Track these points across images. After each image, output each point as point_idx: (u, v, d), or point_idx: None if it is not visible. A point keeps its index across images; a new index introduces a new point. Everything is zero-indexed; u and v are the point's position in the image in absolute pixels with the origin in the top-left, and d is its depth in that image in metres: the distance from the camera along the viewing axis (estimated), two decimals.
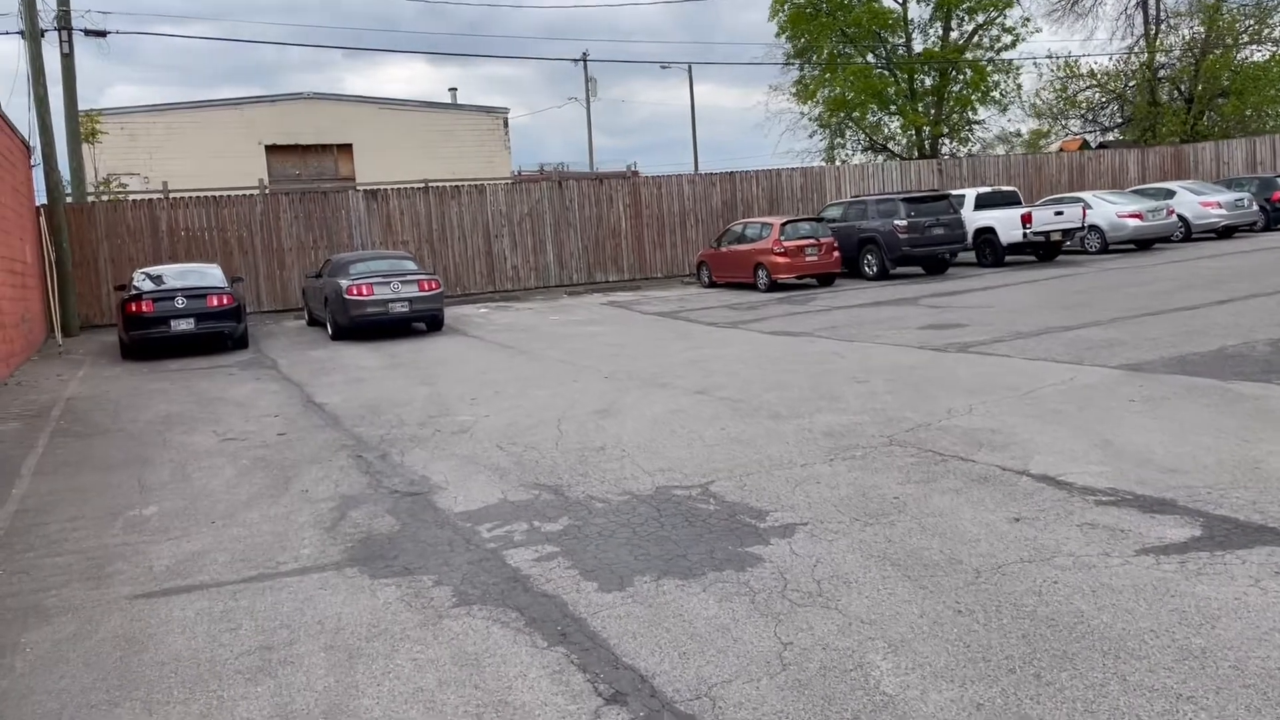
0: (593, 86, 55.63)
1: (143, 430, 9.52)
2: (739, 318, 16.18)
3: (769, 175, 25.76)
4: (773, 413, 8.35)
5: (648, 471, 6.73)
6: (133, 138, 33.13)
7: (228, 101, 35.54)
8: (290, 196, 22.10)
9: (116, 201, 21.05)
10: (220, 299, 15.40)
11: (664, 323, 16.35)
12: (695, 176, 25.13)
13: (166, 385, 12.40)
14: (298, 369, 13.26)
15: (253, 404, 10.70)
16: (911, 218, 20.41)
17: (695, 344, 13.32)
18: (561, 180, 24.05)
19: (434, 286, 16.48)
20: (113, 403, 11.26)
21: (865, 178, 26.55)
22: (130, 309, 14.94)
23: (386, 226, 22.46)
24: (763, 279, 20.22)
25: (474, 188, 23.38)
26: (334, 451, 8.11)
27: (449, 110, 39.11)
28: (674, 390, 9.79)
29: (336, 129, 36.04)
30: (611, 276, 24.28)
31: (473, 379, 11.47)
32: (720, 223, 25.02)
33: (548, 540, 5.43)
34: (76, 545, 5.98)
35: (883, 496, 5.74)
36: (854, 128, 40.11)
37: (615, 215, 24.29)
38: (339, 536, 5.80)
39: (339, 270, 16.73)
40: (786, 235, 20.00)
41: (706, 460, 6.92)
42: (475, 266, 23.18)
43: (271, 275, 21.63)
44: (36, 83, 18.36)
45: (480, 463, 7.38)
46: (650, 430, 8.03)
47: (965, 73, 38.04)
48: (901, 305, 16.11)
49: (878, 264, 20.94)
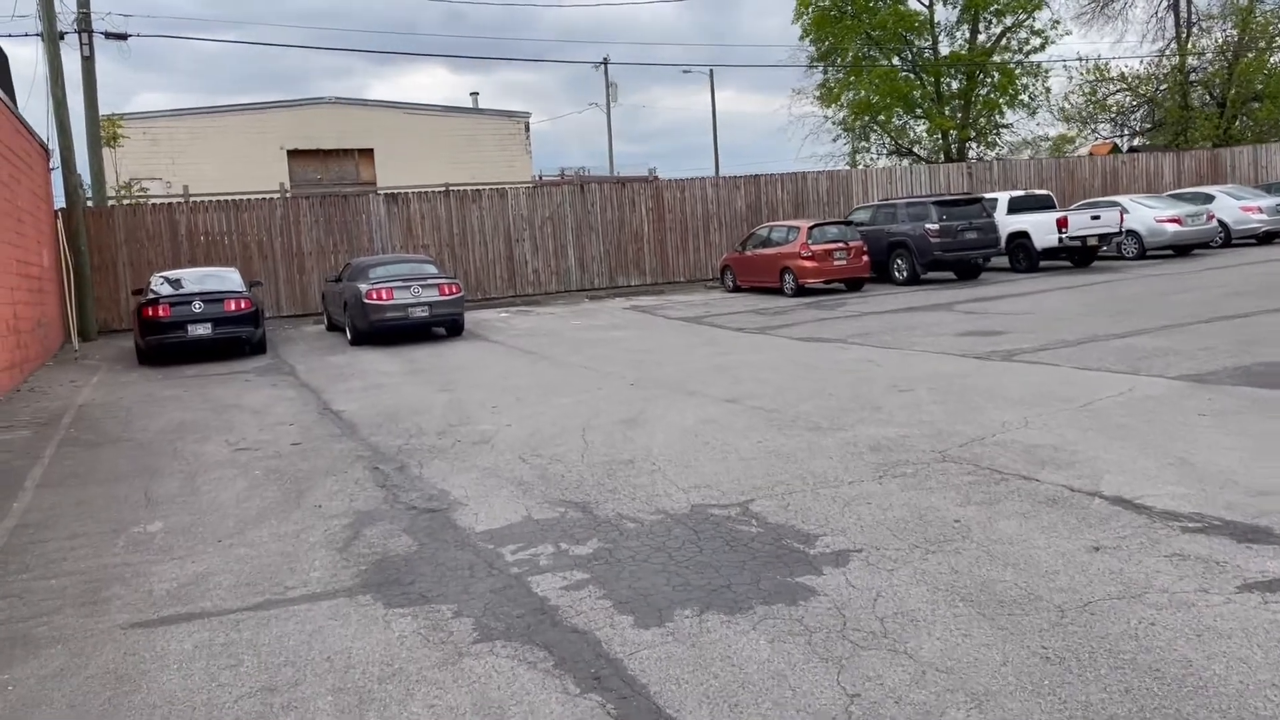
0: (613, 92, 55.49)
1: (154, 439, 9.17)
2: (766, 323, 15.72)
3: (794, 178, 25.28)
4: (812, 424, 7.88)
5: (681, 488, 6.29)
6: (155, 142, 33.02)
7: (250, 106, 35.39)
8: (310, 200, 21.82)
9: (136, 205, 20.83)
10: (238, 303, 15.08)
11: (689, 328, 15.90)
12: (719, 180, 24.68)
13: (181, 392, 12.07)
14: (315, 375, 12.91)
15: (268, 411, 10.34)
16: (943, 221, 19.88)
17: (723, 350, 12.87)
18: (583, 184, 23.66)
19: (455, 291, 16.11)
20: (125, 410, 10.93)
21: (893, 181, 26.02)
22: (146, 313, 14.65)
23: (407, 230, 22.14)
24: (789, 284, 19.73)
25: (495, 191, 23.03)
26: (350, 463, 7.71)
27: (470, 115, 38.84)
28: (704, 399, 9.34)
29: (358, 134, 35.83)
30: (634, 281, 23.85)
31: (493, 385, 11.07)
32: (745, 227, 24.55)
33: (576, 565, 4.99)
34: (75, 565, 5.60)
35: (942, 520, 5.27)
36: (879, 131, 39.54)
37: (638, 219, 23.87)
38: (352, 558, 5.39)
39: (359, 274, 16.39)
40: (814, 239, 19.52)
41: (744, 476, 6.46)
42: (496, 270, 22.81)
43: (291, 279, 21.35)
44: (55, 84, 18.15)
45: (502, 476, 6.96)
46: (681, 442, 7.59)
47: (993, 76, 37.41)
48: (936, 311, 15.59)
49: (908, 269, 20.41)
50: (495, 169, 33.85)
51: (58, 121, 18.32)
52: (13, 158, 14.61)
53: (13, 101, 15.88)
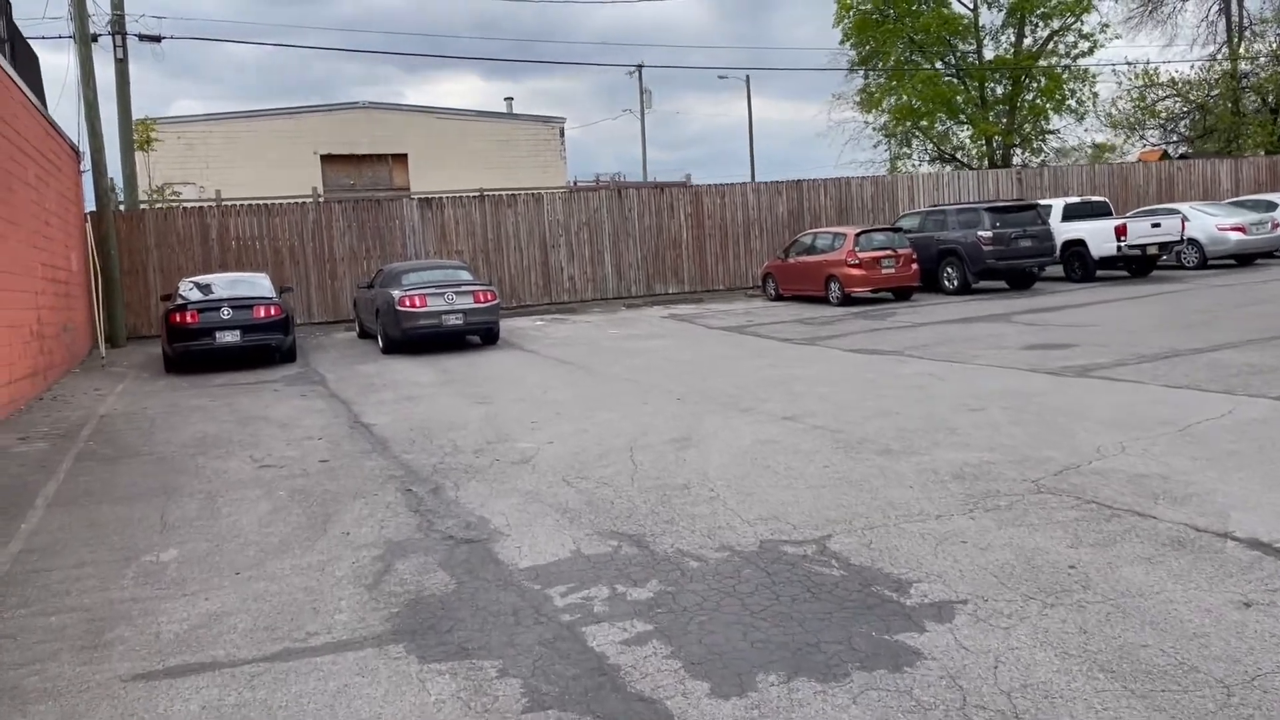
0: (647, 99, 54.98)
1: (175, 454, 8.67)
2: (814, 333, 15.04)
3: (837, 184, 24.57)
4: (881, 446, 7.22)
5: (746, 520, 5.66)
6: (189, 147, 32.90)
7: (284, 110, 35.21)
8: (343, 204, 21.42)
9: (167, 209, 20.53)
10: (268, 310, 14.64)
11: (733, 338, 15.26)
12: (760, 185, 24.03)
13: (207, 402, 11.60)
14: (346, 385, 12.41)
15: (296, 424, 9.82)
16: (997, 228, 19.10)
17: (772, 362, 12.22)
18: (621, 189, 23.10)
19: (490, 298, 15.58)
20: (148, 421, 10.46)
21: (939, 187, 25.25)
22: (174, 320, 14.23)
23: (441, 236, 21.68)
24: (835, 292, 19.03)
25: (530, 196, 22.52)
26: (381, 483, 7.16)
27: (505, 120, 38.46)
28: (758, 416, 8.71)
29: (391, 138, 35.54)
30: (671, 289, 23.24)
31: (532, 399, 10.49)
32: (786, 233, 23.87)
33: (636, 613, 4.38)
34: (78, 600, 5.07)
35: (1054, 565, 4.60)
36: (921, 137, 38.72)
37: (676, 225, 23.26)
38: (383, 598, 4.81)
39: (391, 280, 15.92)
40: (861, 246, 18.81)
41: (815, 506, 5.82)
42: (531, 277, 22.29)
43: (323, 285, 20.95)
44: (86, 86, 17.87)
45: (546, 501, 6.37)
46: (739, 465, 6.96)
47: (1039, 80, 36.48)
48: (994, 322, 14.84)
49: (958, 277, 19.64)
50: (530, 175, 33.39)
51: (89, 124, 18.03)
52: (41, 159, 14.28)
53: (42, 103, 15.57)
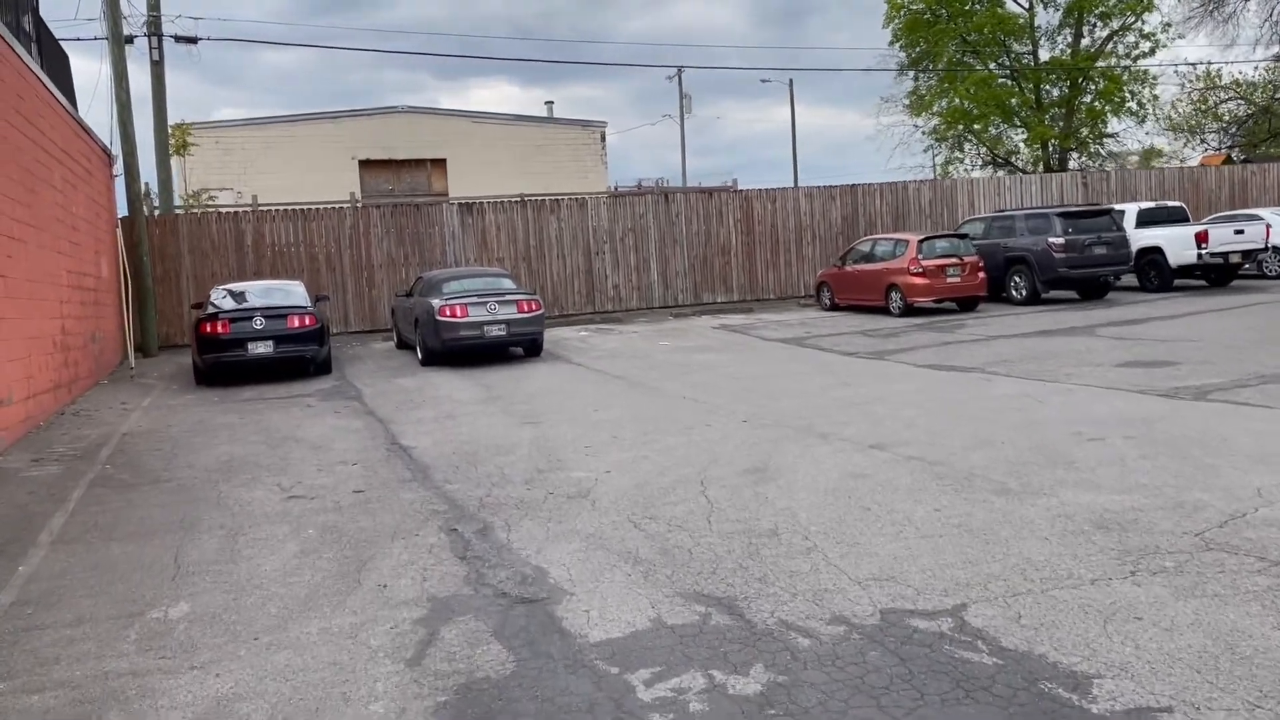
0: (686, 104, 54.14)
1: (197, 480, 7.90)
2: (880, 347, 14.06)
3: (893, 189, 23.54)
4: (996, 484, 6.26)
5: (856, 579, 4.74)
6: (226, 152, 32.56)
7: (322, 115, 34.80)
8: (381, 210, 20.76)
9: (201, 214, 19.96)
10: (302, 319, 13.92)
11: (793, 351, 14.32)
12: (812, 190, 23.04)
13: (235, 419, 10.86)
14: (383, 401, 11.64)
15: (329, 446, 9.04)
16: (1069, 235, 17.98)
17: (841, 379, 11.27)
18: (667, 194, 22.23)
19: (534, 308, 14.76)
20: (171, 441, 9.73)
21: (1001, 192, 24.11)
22: (204, 330, 13.56)
23: (481, 242, 20.93)
24: (896, 302, 18.02)
25: (574, 201, 21.71)
26: (421, 521, 6.32)
27: (545, 124, 37.80)
28: (840, 443, 7.78)
29: (430, 143, 35.02)
30: (720, 297, 22.32)
31: (584, 419, 9.64)
32: (840, 240, 22.87)
33: (745, 716, 3.48)
34: (69, 672, 4.27)
35: (1267, 654, 3.64)
36: (973, 141, 37.50)
37: (725, 231, 22.34)
38: (426, 679, 3.95)
39: (431, 289, 15.15)
40: (924, 253, 17.78)
41: (937, 563, 4.89)
42: (574, 285, 21.48)
43: (360, 293, 20.27)
44: (119, 87, 17.32)
45: (612, 548, 5.49)
46: (832, 505, 6.04)
47: (1098, 82, 35.13)
48: (1077, 336, 13.78)
49: (1027, 287, 18.54)
50: (569, 180, 32.66)
51: (121, 126, 17.48)
52: (69, 162, 13.68)
53: (72, 104, 15.00)
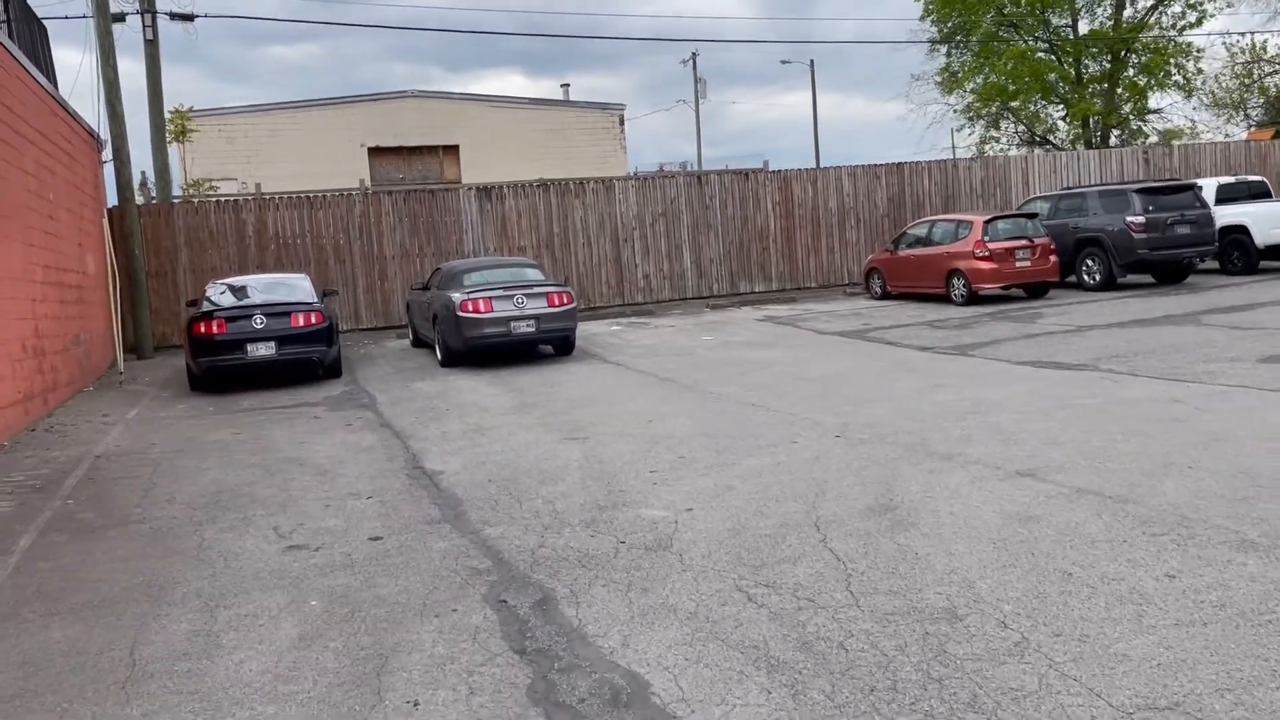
0: (700, 88, 52.43)
1: (176, 522, 6.39)
2: (957, 340, 12.46)
3: (942, 167, 21.86)
4: (1228, 533, 4.68)
5: (1119, 707, 3.18)
6: (230, 140, 31.11)
7: (328, 101, 33.26)
8: (393, 196, 19.20)
9: (199, 203, 18.43)
10: (308, 317, 12.40)
11: (857, 346, 12.73)
12: (856, 170, 21.38)
13: (230, 435, 9.35)
14: (401, 410, 10.11)
15: (338, 471, 7.52)
16: (1150, 213, 16.31)
17: (932, 380, 9.68)
18: (701, 176, 20.60)
19: (566, 301, 13.20)
20: (152, 465, 8.21)
21: (1057, 170, 22.42)
22: (198, 330, 12.05)
23: (501, 230, 19.37)
24: (959, 289, 16.39)
25: (600, 185, 20.12)
26: (459, 586, 4.80)
27: (561, 107, 36.16)
28: (974, 467, 6.21)
29: (442, 129, 33.44)
30: (758, 286, 20.71)
31: (639, 432, 8.09)
32: (886, 223, 21.24)
33: None
34: None
35: None
36: (1010, 118, 35.74)
37: (762, 215, 20.72)
38: None
39: (451, 281, 13.62)
40: (991, 235, 16.14)
41: (1228, 674, 3.33)
42: (601, 275, 19.90)
43: (371, 287, 18.75)
44: (105, 64, 15.79)
45: (729, 638, 3.96)
46: (1010, 565, 4.48)
47: (1142, 55, 33.32)
48: (1181, 325, 12.16)
49: (1101, 271, 16.89)
50: (587, 165, 31.03)
51: (109, 106, 15.97)
52: (44, 143, 12.17)
53: (51, 81, 13.48)
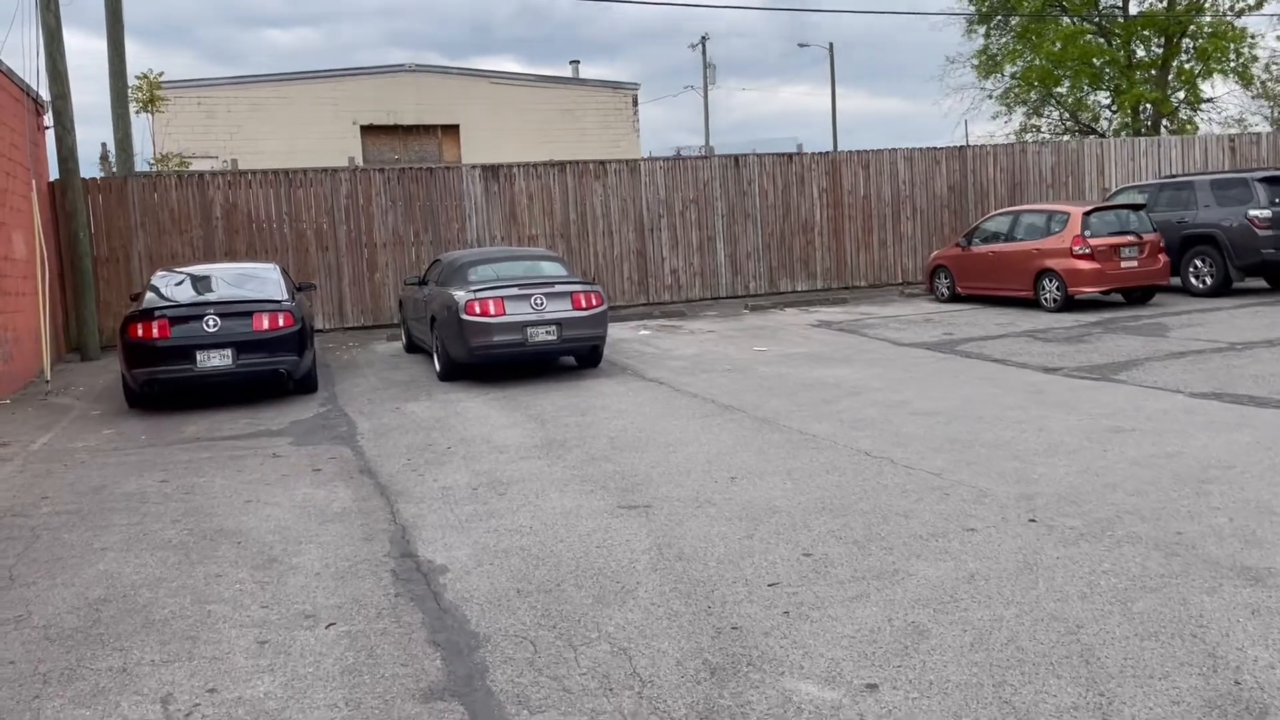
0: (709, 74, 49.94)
1: (13, 669, 3.90)
2: (1084, 359, 10.00)
3: (1009, 151, 19.38)
4: None
5: None
6: (210, 115, 28.56)
7: (319, 74, 30.64)
8: (385, 175, 16.67)
9: (158, 177, 15.86)
10: (275, 319, 9.90)
11: (957, 365, 10.26)
12: (913, 153, 18.88)
13: (154, 484, 6.85)
14: (388, 446, 7.63)
15: (290, 562, 5.05)
16: (1277, 207, 13.87)
17: (1096, 419, 7.21)
18: (739, 158, 18.11)
19: (595, 302, 10.71)
20: (24, 541, 5.71)
21: (1135, 156, 19.94)
22: (134, 333, 9.53)
23: (510, 216, 16.86)
24: (1051, 293, 13.91)
25: (625, 166, 17.61)
26: None
27: (570, 86, 33.57)
28: None
29: (441, 107, 30.86)
30: (800, 285, 18.22)
31: (721, 498, 5.61)
32: (945, 214, 18.77)
33: None
34: None
35: None
36: (1054, 105, 33.26)
37: (807, 204, 18.22)
38: None
39: (453, 276, 11.14)
40: (1092, 229, 13.67)
41: None
42: (623, 270, 17.41)
43: (359, 279, 16.23)
44: (45, 9, 13.21)
45: None
46: None
47: (1197, 38, 30.87)
48: None
49: (1214, 273, 14.43)
50: (598, 149, 28.47)
51: (49, 60, 13.40)
52: None
53: None
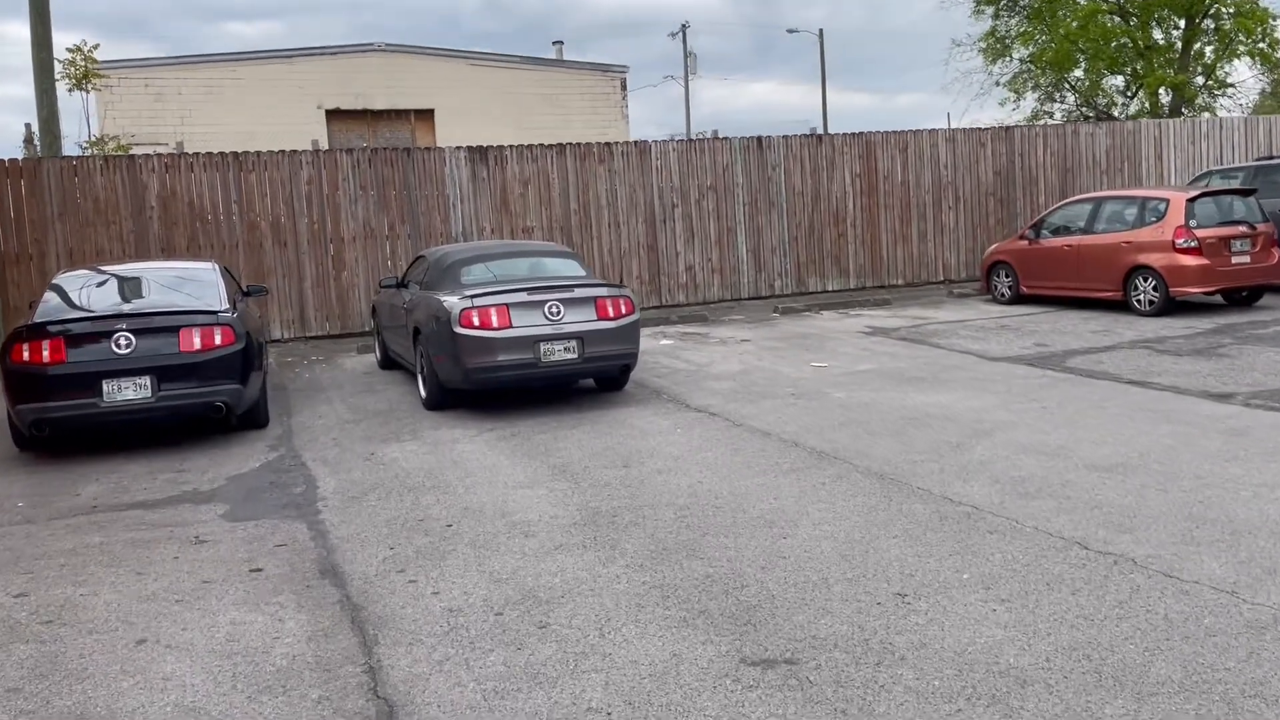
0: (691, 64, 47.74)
1: None
2: (1250, 380, 7.85)
3: (1059, 134, 17.27)
4: None
5: None
6: (159, 98, 25.98)
7: (278, 54, 28.10)
8: (354, 157, 14.25)
9: (80, 160, 13.36)
10: (208, 335, 7.52)
11: (1086, 388, 8.07)
12: (955, 134, 16.72)
13: (4, 599, 4.49)
14: (362, 522, 5.32)
15: None
16: None
17: None
18: (762, 139, 15.86)
19: (625, 310, 8.43)
20: None
21: (1196, 140, 17.92)
22: (18, 356, 7.13)
23: (501, 205, 14.50)
24: (1146, 294, 11.78)
25: (632, 148, 15.33)
26: None
27: (554, 68, 31.22)
28: None
29: (415, 90, 28.42)
30: (831, 283, 16.02)
31: (903, 639, 3.36)
32: (990, 202, 16.65)
33: None
34: None
35: None
36: (1068, 88, 31.39)
37: (839, 191, 16.01)
38: None
39: (442, 277, 8.80)
40: (1199, 219, 11.57)
41: None
42: (633, 266, 15.11)
43: (323, 279, 13.80)
44: None
45: None
46: None
47: (1222, 20, 29.10)
48: None
49: None
50: (585, 136, 26.04)
51: None
52: None
53: None
